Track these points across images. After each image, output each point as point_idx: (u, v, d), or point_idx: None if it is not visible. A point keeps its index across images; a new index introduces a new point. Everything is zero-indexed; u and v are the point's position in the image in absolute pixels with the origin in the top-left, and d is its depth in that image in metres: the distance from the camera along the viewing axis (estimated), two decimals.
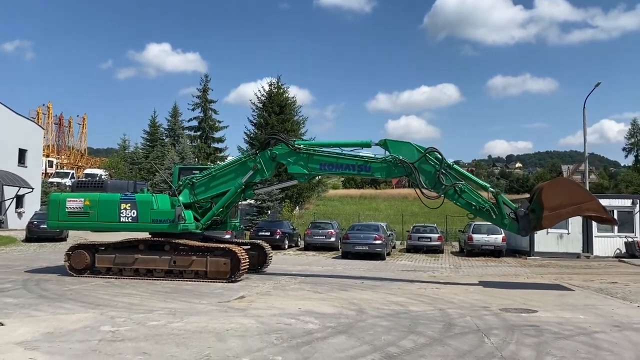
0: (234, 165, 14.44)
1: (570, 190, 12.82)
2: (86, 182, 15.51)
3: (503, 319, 8.76)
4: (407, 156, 13.46)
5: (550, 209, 12.53)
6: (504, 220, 13.24)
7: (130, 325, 7.70)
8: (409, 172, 13.43)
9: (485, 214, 13.32)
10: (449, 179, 13.29)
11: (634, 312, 9.80)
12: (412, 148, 13.61)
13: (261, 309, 9.40)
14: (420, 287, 12.96)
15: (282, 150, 14.04)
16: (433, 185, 13.36)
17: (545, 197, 12.65)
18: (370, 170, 13.85)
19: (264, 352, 6.34)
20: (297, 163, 13.95)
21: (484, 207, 13.23)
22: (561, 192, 12.76)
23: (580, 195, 12.78)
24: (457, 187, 13.25)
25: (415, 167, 13.32)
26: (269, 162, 14.06)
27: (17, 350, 6.21)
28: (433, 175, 13.34)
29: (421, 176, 13.34)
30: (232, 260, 12.97)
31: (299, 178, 14.48)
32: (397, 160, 13.43)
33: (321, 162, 13.95)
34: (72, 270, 13.47)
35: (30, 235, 26.00)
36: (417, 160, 13.33)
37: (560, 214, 12.76)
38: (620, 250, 23.25)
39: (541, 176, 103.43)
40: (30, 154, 36.16)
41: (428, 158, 13.39)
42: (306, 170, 14.03)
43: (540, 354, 6.42)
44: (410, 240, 26.58)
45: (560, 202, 12.55)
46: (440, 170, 13.25)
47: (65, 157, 70.35)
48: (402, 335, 7.35)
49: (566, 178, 14.82)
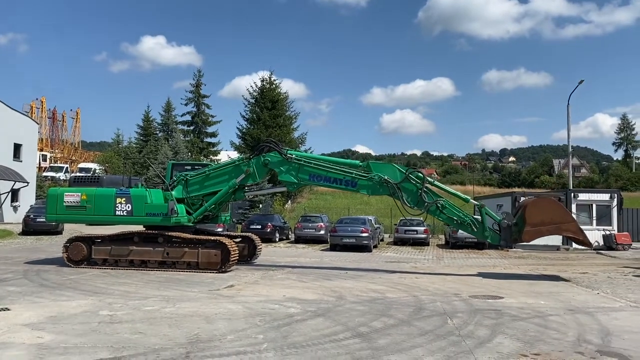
0: (228, 167, 15.11)
1: (553, 210, 13.68)
2: (83, 177, 16.17)
3: (470, 304, 9.54)
4: (390, 176, 14.25)
5: (532, 225, 13.49)
6: (485, 232, 14.20)
7: (126, 310, 8.42)
8: (392, 191, 14.21)
9: (467, 228, 14.26)
10: (430, 196, 14.15)
11: (592, 298, 10.62)
12: (394, 169, 14.51)
13: (248, 296, 10.14)
14: (400, 277, 13.73)
15: (275, 158, 14.73)
16: (416, 203, 14.21)
17: (529, 214, 13.61)
18: (357, 187, 14.56)
19: (247, 331, 7.08)
20: (289, 172, 14.66)
21: (465, 221, 14.18)
22: (544, 210, 13.69)
23: (561, 215, 13.67)
24: (439, 203, 14.14)
25: (399, 187, 14.11)
26: (261, 167, 14.75)
27: (25, 331, 6.92)
28: (415, 193, 14.15)
29: (404, 195, 14.14)
30: (222, 252, 13.69)
31: (288, 186, 15.22)
32: (382, 180, 14.19)
33: (311, 173, 14.64)
34: (69, 262, 14.14)
35: (26, 228, 26.59)
36: (400, 182, 14.14)
37: (541, 231, 13.72)
38: (599, 243, 24.12)
39: (533, 170, 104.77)
40: (25, 149, 36.64)
41: (410, 178, 14.21)
42: (296, 180, 14.74)
43: (494, 333, 7.19)
44: (397, 233, 27.39)
45: (542, 220, 13.51)
46: (422, 189, 14.05)
47: (59, 151, 70.73)
48: (374, 318, 8.11)
49: (551, 198, 15.70)
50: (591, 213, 24.53)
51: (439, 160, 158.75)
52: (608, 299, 10.54)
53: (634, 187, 74.01)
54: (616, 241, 23.46)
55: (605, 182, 79.73)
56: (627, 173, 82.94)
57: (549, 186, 77.47)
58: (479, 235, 14.40)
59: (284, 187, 15.75)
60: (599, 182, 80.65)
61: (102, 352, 5.88)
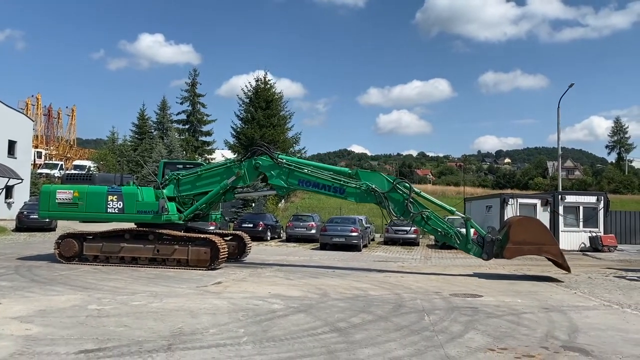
0: (219, 168, 15.36)
1: (536, 231, 14.03)
2: (75, 174, 16.37)
3: (449, 302, 9.84)
4: (377, 185, 14.53)
5: (515, 242, 13.86)
6: (468, 245, 14.51)
7: (114, 305, 8.67)
8: (379, 200, 14.49)
9: (450, 239, 14.57)
10: (416, 207, 14.45)
11: (569, 297, 10.93)
12: (382, 178, 14.80)
13: (234, 292, 10.41)
14: (386, 276, 14.01)
15: (266, 162, 14.98)
16: (402, 213, 14.52)
17: (513, 232, 13.97)
18: (345, 194, 14.81)
19: (229, 325, 7.35)
20: (279, 177, 14.92)
21: (449, 233, 14.50)
22: (528, 230, 14.05)
23: (543, 237, 14.01)
24: (424, 214, 14.44)
25: (386, 197, 14.39)
26: (252, 171, 15.01)
27: (14, 323, 7.16)
28: (402, 203, 14.44)
29: (391, 204, 14.43)
30: (212, 250, 13.94)
31: (278, 190, 15.48)
32: (369, 189, 14.47)
33: (300, 178, 14.90)
34: (61, 258, 14.36)
35: (20, 225, 26.76)
36: (388, 191, 14.42)
37: (522, 250, 14.07)
38: (585, 245, 24.50)
39: (527, 172, 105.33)
40: (19, 146, 36.77)
41: (397, 187, 14.48)
42: (285, 184, 14.99)
43: (467, 329, 7.48)
44: (387, 233, 27.69)
45: (525, 239, 13.87)
46: (409, 199, 14.34)
47: (54, 148, 70.70)
48: (354, 314, 8.40)
49: (537, 219, 16.25)
50: (578, 215, 24.88)
51: (435, 161, 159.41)
52: (584, 298, 10.85)
53: (626, 190, 74.67)
54: (602, 243, 23.81)
55: (598, 185, 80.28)
56: (619, 176, 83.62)
57: (542, 188, 77.94)
58: (461, 247, 14.67)
59: (274, 190, 15.89)
60: (591, 185, 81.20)
61: (87, 344, 6.14)
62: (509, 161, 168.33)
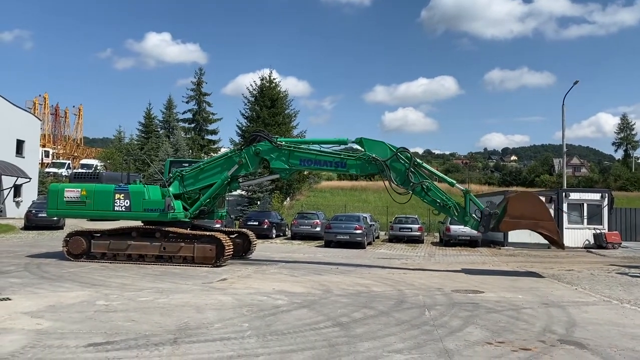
0: (220, 159, 15.59)
1: (534, 207, 14.16)
2: (83, 173, 16.65)
3: (450, 298, 9.98)
4: (380, 154, 14.67)
5: (511, 216, 13.98)
6: (465, 217, 14.62)
7: (121, 301, 8.87)
8: (381, 169, 14.64)
9: (449, 211, 14.68)
10: (417, 177, 14.54)
11: (569, 293, 11.05)
12: (385, 147, 14.85)
13: (239, 288, 10.59)
14: (389, 272, 14.17)
15: (266, 146, 15.18)
16: (402, 182, 14.60)
17: (510, 206, 14.10)
18: (346, 167, 15.04)
19: (234, 320, 7.54)
20: (279, 159, 15.11)
21: (447, 205, 14.57)
22: (526, 205, 14.17)
23: (541, 213, 14.12)
24: (424, 185, 14.55)
25: (387, 165, 14.52)
26: (253, 157, 15.20)
27: (24, 318, 7.37)
28: (403, 173, 14.55)
29: (392, 173, 14.56)
30: (217, 247, 14.14)
31: (281, 173, 15.61)
32: (370, 158, 14.63)
33: (301, 158, 15.11)
34: (69, 255, 14.61)
35: (28, 223, 27.05)
36: (389, 159, 14.53)
37: (519, 223, 14.27)
38: (589, 242, 24.56)
39: (534, 169, 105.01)
40: (27, 145, 37.16)
41: (399, 157, 14.60)
42: (287, 166, 15.18)
43: (466, 323, 7.63)
44: (392, 230, 27.83)
45: (522, 214, 13.99)
46: (410, 169, 14.45)
47: (61, 147, 71.28)
48: (356, 309, 8.56)
49: (535, 195, 16.42)
50: (582, 212, 24.94)
51: (441, 158, 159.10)
52: (584, 294, 10.97)
53: (633, 187, 74.39)
54: (606, 240, 23.86)
55: (605, 182, 79.98)
56: (626, 173, 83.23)
57: (548, 185, 77.79)
58: (459, 219, 14.78)
59: (277, 174, 15.93)
60: (598, 182, 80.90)
61: (96, 337, 6.34)
62: (515, 159, 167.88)
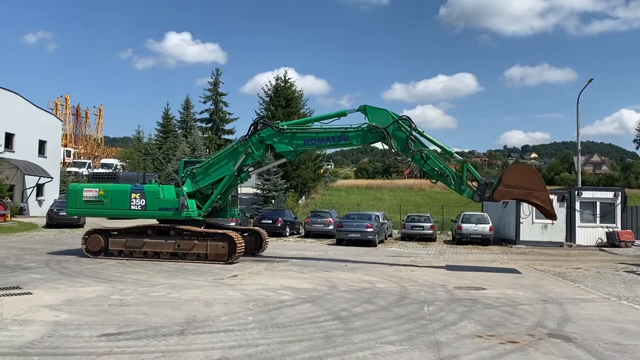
0: (227, 152, 16.06)
1: (529, 178, 14.34)
2: (100, 174, 17.26)
3: (451, 294, 10.27)
4: (383, 122, 14.98)
5: (506, 185, 14.21)
6: (462, 186, 14.87)
7: (135, 295, 9.36)
8: (382, 137, 14.99)
9: (446, 180, 14.93)
10: (417, 145, 14.86)
11: (570, 290, 11.26)
12: (387, 115, 15.17)
13: (248, 284, 11.02)
14: (396, 270, 14.48)
15: (268, 132, 15.64)
16: (402, 149, 14.94)
17: (506, 175, 14.38)
18: (348, 139, 15.39)
19: (239, 314, 7.95)
20: (282, 142, 15.56)
21: (445, 173, 14.85)
22: (521, 175, 14.38)
23: (535, 184, 14.28)
24: (424, 153, 14.85)
25: (389, 133, 14.85)
26: (258, 144, 15.66)
27: (44, 311, 7.89)
28: (404, 141, 14.89)
29: (393, 141, 14.90)
30: (229, 244, 14.62)
31: (287, 155, 15.93)
32: (371, 127, 15.00)
33: (304, 138, 15.55)
34: (88, 252, 15.22)
35: (50, 221, 27.97)
36: (389, 125, 14.86)
37: (513, 193, 14.40)
38: (602, 240, 24.51)
39: (553, 166, 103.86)
40: (49, 145, 38.22)
41: (400, 124, 14.94)
42: (292, 147, 15.60)
43: (462, 318, 7.94)
44: (404, 229, 28.05)
45: (517, 184, 14.21)
46: (410, 137, 14.79)
47: (82, 147, 72.79)
48: (357, 304, 8.91)
49: (531, 166, 16.69)
50: (595, 210, 24.89)
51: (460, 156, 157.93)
52: (585, 291, 11.17)
53: None
54: (619, 238, 23.79)
55: (626, 180, 78.90)
56: None
57: (568, 183, 76.99)
58: (455, 188, 14.98)
59: (283, 158, 16.19)
60: (619, 180, 79.84)
61: (109, 329, 6.80)
62: (535, 156, 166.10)
